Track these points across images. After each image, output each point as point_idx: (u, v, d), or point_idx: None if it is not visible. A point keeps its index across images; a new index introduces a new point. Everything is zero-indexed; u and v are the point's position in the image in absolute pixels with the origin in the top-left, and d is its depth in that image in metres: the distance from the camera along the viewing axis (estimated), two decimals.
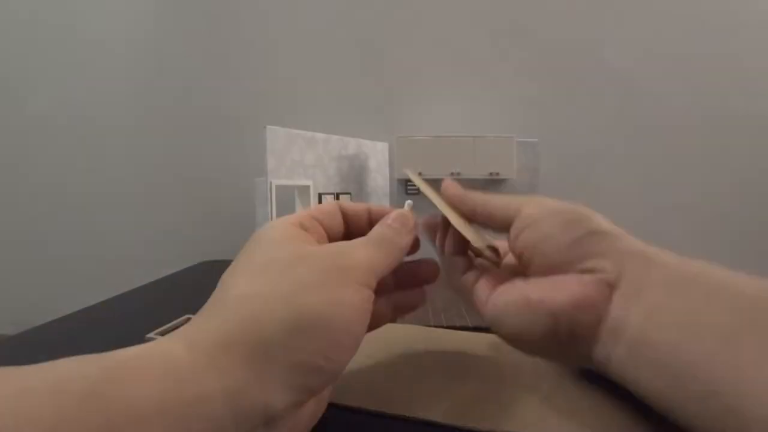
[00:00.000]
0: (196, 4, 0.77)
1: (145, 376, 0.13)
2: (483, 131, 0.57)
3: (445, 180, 0.26)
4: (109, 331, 0.37)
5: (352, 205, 0.24)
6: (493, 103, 0.72)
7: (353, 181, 0.57)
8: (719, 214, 0.70)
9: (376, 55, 0.73)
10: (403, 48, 0.73)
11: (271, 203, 0.45)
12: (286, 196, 0.49)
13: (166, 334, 0.33)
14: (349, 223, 0.24)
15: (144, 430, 0.11)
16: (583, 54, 0.70)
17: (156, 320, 0.35)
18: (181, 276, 0.56)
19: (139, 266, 0.79)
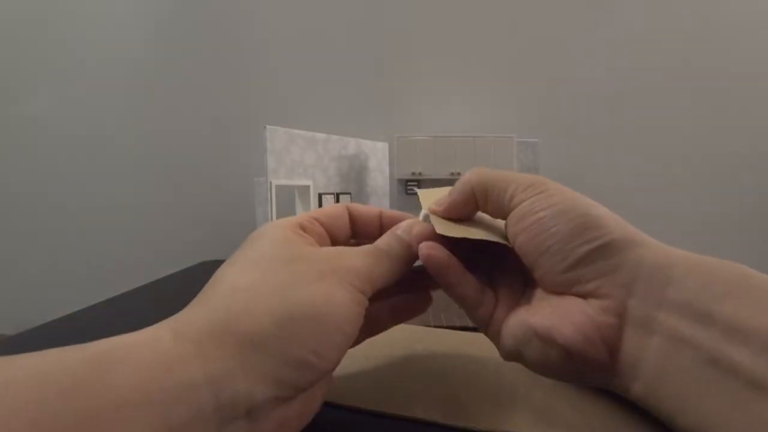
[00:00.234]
0: (196, 4, 0.77)
1: (130, 364, 0.12)
2: (483, 131, 0.57)
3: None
4: (109, 331, 0.36)
5: (363, 209, 0.23)
6: (493, 103, 0.72)
7: (353, 181, 0.57)
8: (719, 215, 0.70)
9: (376, 55, 0.74)
10: (403, 48, 0.73)
11: (271, 203, 0.45)
12: (286, 196, 0.49)
13: None
14: (358, 227, 0.23)
15: (127, 418, 0.11)
16: (584, 54, 0.70)
17: (156, 320, 0.35)
18: (181, 276, 0.56)
19: (139, 266, 0.79)
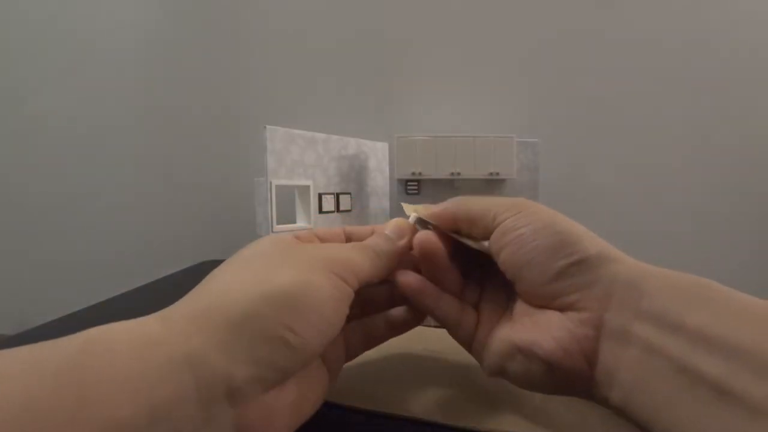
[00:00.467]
0: (196, 4, 0.77)
1: (117, 347, 0.13)
2: (483, 131, 0.57)
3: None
4: None
5: (356, 229, 0.24)
6: (493, 103, 0.72)
7: (353, 181, 0.57)
8: (719, 215, 0.70)
9: (376, 55, 0.74)
10: (403, 48, 0.73)
11: (271, 203, 0.45)
12: (286, 196, 0.49)
13: None
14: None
15: (113, 395, 0.12)
16: (584, 54, 0.70)
17: None
18: (181, 276, 0.56)
19: (139, 266, 0.79)
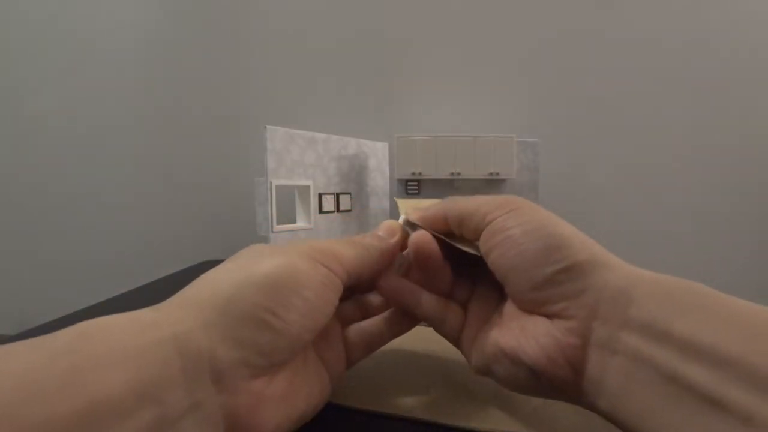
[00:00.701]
0: (196, 4, 0.77)
1: (111, 330, 0.14)
2: (483, 131, 0.57)
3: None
4: None
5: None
6: (493, 103, 0.72)
7: (353, 181, 0.57)
8: (719, 215, 0.70)
9: (376, 55, 0.74)
10: (403, 48, 0.73)
11: (271, 203, 0.45)
12: (286, 196, 0.49)
13: None
14: None
15: (104, 372, 0.13)
16: (584, 54, 0.70)
17: None
18: (181, 276, 0.56)
19: (139, 266, 0.79)
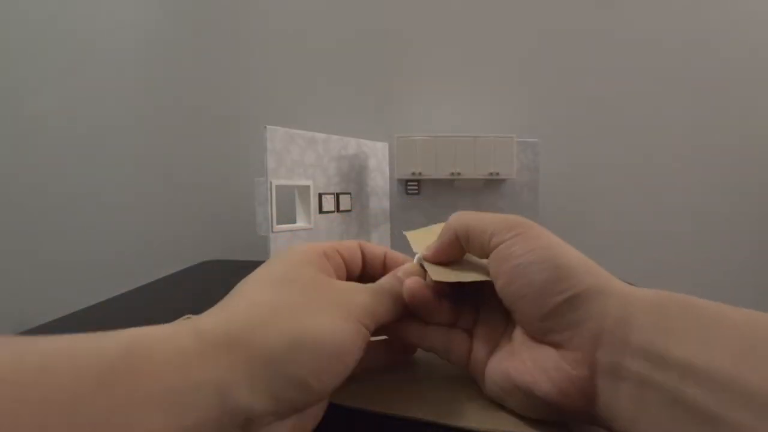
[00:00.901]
0: (196, 4, 0.77)
1: (155, 359, 0.14)
2: (483, 131, 0.57)
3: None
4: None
5: (372, 249, 0.25)
6: (493, 103, 0.72)
7: (353, 181, 0.57)
8: (719, 215, 0.70)
9: (376, 55, 0.74)
10: (403, 48, 0.73)
11: (271, 203, 0.45)
12: (286, 196, 0.49)
13: None
14: (367, 263, 0.25)
15: (150, 411, 0.12)
16: (584, 54, 0.70)
17: (156, 320, 0.35)
18: (181, 276, 0.56)
19: (139, 266, 0.79)
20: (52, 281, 0.85)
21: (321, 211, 0.52)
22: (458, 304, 0.23)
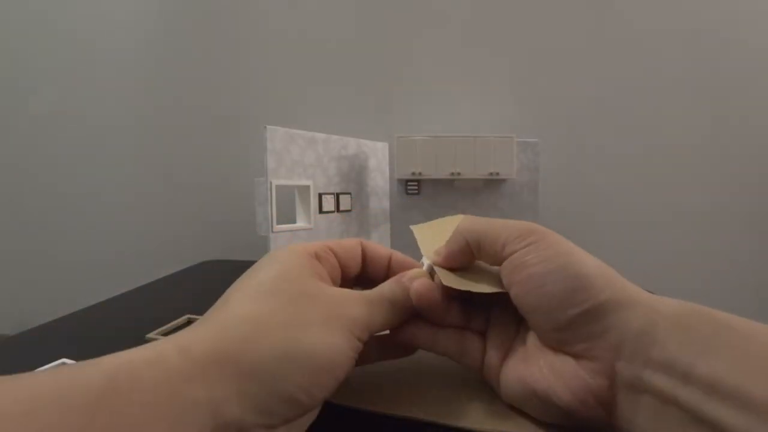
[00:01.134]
0: (196, 5, 0.77)
1: (143, 383, 0.13)
2: (483, 131, 0.57)
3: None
4: (110, 331, 0.37)
5: (375, 248, 0.24)
6: (493, 103, 0.72)
7: (353, 181, 0.57)
8: (719, 215, 0.70)
9: (376, 55, 0.74)
10: (403, 48, 0.73)
11: (271, 203, 0.45)
12: (286, 196, 0.49)
13: (167, 334, 0.33)
14: (368, 264, 0.24)
15: None
16: (584, 54, 0.70)
17: (156, 320, 0.35)
18: (181, 276, 0.56)
19: (139, 266, 0.79)
20: (52, 281, 0.85)
21: (321, 211, 0.52)
22: (468, 306, 0.23)
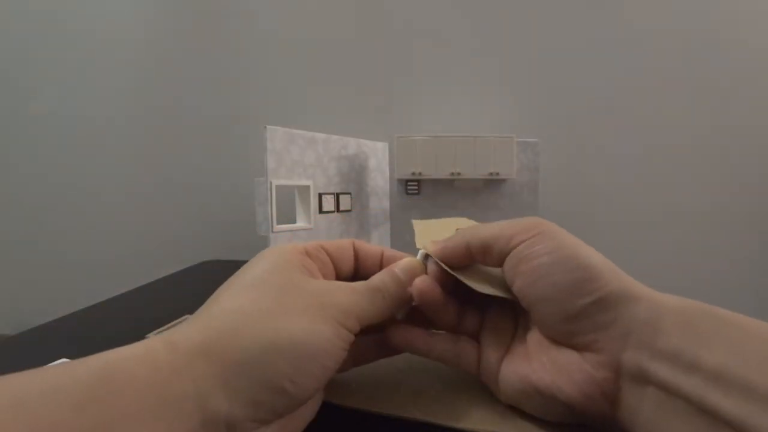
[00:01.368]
0: (196, 5, 0.77)
1: (133, 378, 0.14)
2: (483, 131, 0.57)
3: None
4: (109, 331, 0.37)
5: (367, 247, 0.24)
6: (493, 103, 0.72)
7: (353, 181, 0.57)
8: (719, 215, 0.70)
9: (376, 55, 0.74)
10: (403, 48, 0.73)
11: (271, 203, 0.45)
12: (286, 196, 0.49)
13: None
14: (361, 263, 0.24)
15: (135, 426, 0.13)
16: (584, 54, 0.70)
17: (156, 320, 0.35)
18: (181, 276, 0.56)
19: (139, 266, 0.79)
20: (52, 281, 0.85)
21: (321, 211, 0.52)
22: (463, 306, 0.23)
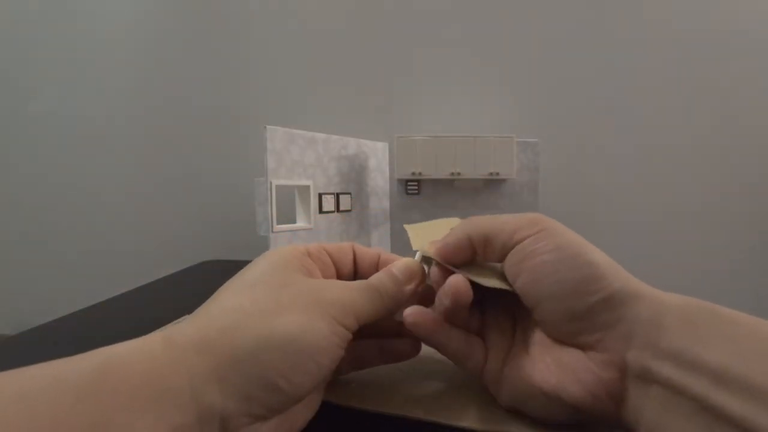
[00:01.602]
0: (196, 5, 0.77)
1: (131, 372, 0.14)
2: (483, 131, 0.57)
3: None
4: (110, 330, 0.37)
5: (364, 250, 0.25)
6: (493, 103, 0.72)
7: (353, 181, 0.57)
8: (720, 215, 0.70)
9: (376, 55, 0.74)
10: (404, 48, 0.73)
11: (271, 203, 0.45)
12: (286, 196, 0.49)
13: None
14: (359, 265, 0.24)
15: (133, 418, 0.13)
16: (584, 54, 0.70)
17: (156, 320, 0.35)
18: (181, 276, 0.56)
19: (139, 266, 0.79)
20: (52, 281, 0.85)
21: (321, 211, 0.52)
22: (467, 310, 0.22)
